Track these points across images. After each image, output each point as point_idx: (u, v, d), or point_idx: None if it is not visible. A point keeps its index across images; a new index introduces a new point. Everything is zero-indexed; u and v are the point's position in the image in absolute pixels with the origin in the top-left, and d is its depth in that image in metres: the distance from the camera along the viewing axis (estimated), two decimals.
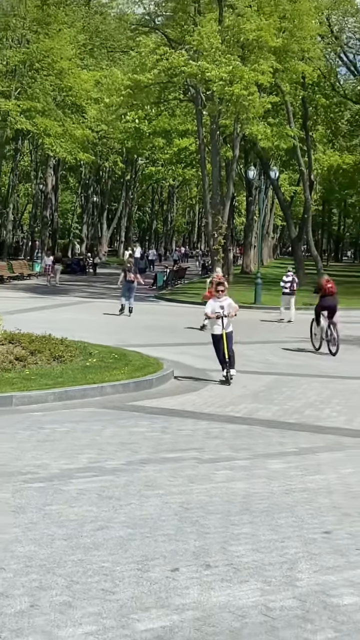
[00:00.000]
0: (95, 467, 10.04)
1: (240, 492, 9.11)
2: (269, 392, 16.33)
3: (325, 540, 7.42)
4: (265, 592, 6.12)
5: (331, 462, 10.78)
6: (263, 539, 7.41)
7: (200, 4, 47.23)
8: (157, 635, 5.27)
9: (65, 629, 5.33)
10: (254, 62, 43.91)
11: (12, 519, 7.71)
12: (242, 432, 12.42)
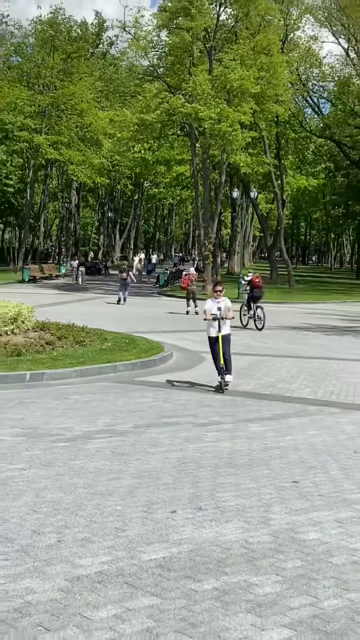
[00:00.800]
0: (109, 430, 10.05)
1: (225, 449, 9.13)
2: (249, 370, 16.36)
3: (293, 488, 7.45)
4: (246, 530, 6.16)
5: (299, 426, 10.80)
6: (244, 487, 7.44)
7: (193, 58, 47.12)
8: (159, 564, 5.31)
9: (85, 559, 5.36)
10: (237, 104, 43.83)
11: (43, 471, 7.72)
12: (228, 402, 12.46)
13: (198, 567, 5.32)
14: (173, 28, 47.46)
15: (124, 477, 7.64)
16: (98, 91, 65.00)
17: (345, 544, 5.92)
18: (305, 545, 5.86)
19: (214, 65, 46.13)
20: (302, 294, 47.44)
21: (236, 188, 56.35)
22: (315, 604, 4.81)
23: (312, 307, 38.23)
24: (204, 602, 4.75)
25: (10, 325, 16.51)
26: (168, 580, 5.07)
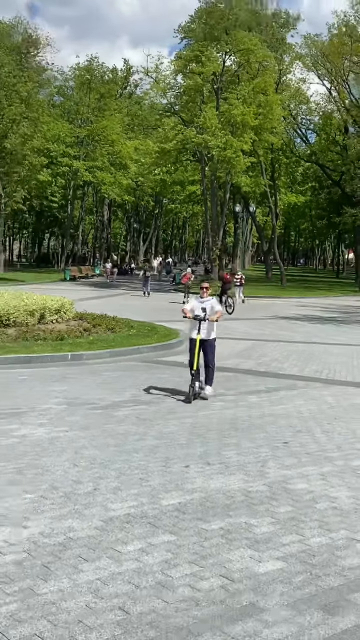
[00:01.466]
0: (135, 400, 10.06)
1: (229, 416, 9.13)
2: (248, 352, 16.31)
3: (284, 448, 7.45)
4: (246, 481, 6.17)
5: (289, 397, 10.79)
6: (244, 446, 7.45)
7: (204, 97, 46.97)
8: (176, 508, 5.35)
9: (116, 503, 5.40)
10: (239, 135, 43.66)
11: (81, 433, 7.76)
12: (231, 377, 12.43)
13: (207, 511, 5.35)
14: (187, 73, 47.30)
15: (147, 438, 7.66)
16: (125, 125, 64.98)
17: (327, 493, 5.94)
18: (295, 494, 5.88)
19: (221, 103, 46.00)
20: (292, 290, 47.30)
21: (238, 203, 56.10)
22: (302, 541, 4.84)
23: (300, 301, 38.10)
24: (212, 539, 4.79)
25: (55, 315, 16.57)
26: (183, 521, 5.11)
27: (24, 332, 14.92)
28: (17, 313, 15.38)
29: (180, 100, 50.19)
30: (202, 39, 47.21)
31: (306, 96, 59.86)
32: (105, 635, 3.46)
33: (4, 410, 8.86)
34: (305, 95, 59.78)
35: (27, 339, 14.54)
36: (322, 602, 3.92)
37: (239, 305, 32.85)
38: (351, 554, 4.63)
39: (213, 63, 46.44)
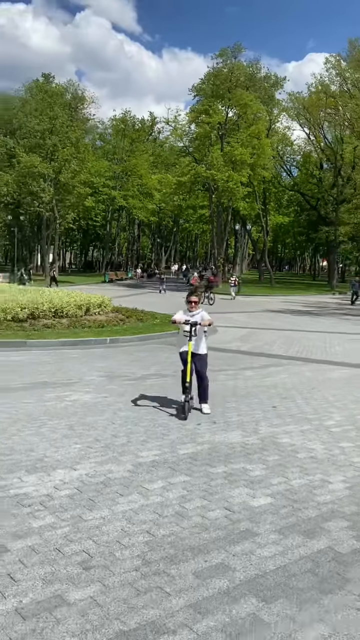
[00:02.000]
0: (158, 374, 10.07)
1: (230, 385, 9.11)
2: (245, 337, 16.24)
3: (273, 411, 7.43)
4: (243, 436, 6.16)
5: (276, 372, 10.75)
6: (242, 409, 7.44)
7: (211, 141, 46.79)
8: (189, 456, 5.35)
9: (144, 452, 5.40)
10: (239, 170, 43.46)
11: (118, 398, 7.78)
12: (231, 357, 12.40)
13: (213, 459, 5.35)
14: (198, 122, 47.10)
15: (168, 403, 7.68)
16: (151, 162, 64.74)
17: (306, 445, 5.91)
18: (281, 446, 5.86)
19: (224, 146, 45.81)
20: (278, 290, 47.03)
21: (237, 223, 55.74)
22: (287, 482, 4.82)
23: (285, 298, 37.85)
24: (217, 480, 4.79)
25: (97, 308, 16.60)
26: (195, 466, 5.11)
27: (74, 321, 14.98)
28: (69, 307, 15.43)
29: (193, 144, 50.11)
30: (210, 96, 47.03)
31: (290, 140, 59.42)
32: (136, 552, 3.49)
33: (60, 380, 8.91)
34: (290, 139, 59.33)
35: (76, 327, 14.60)
36: (302, 529, 3.92)
37: (238, 301, 32.78)
38: (324, 492, 4.61)
39: (218, 115, 46.29)
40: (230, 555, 3.49)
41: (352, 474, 5.06)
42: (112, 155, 63.02)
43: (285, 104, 56.01)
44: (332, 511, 4.23)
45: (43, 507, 4.08)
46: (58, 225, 53.53)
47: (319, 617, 2.90)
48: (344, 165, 52.73)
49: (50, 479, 4.65)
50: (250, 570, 3.33)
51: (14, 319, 14.09)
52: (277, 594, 3.09)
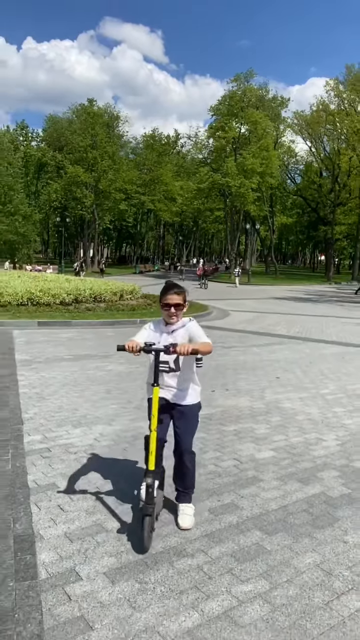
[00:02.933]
0: None
1: (240, 360, 9.07)
2: (253, 319, 16.14)
3: (277, 381, 7.41)
4: (251, 401, 6.18)
5: (279, 349, 10.67)
6: (250, 379, 7.43)
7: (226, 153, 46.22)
8: (206, 417, 5.36)
9: None
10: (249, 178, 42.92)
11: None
12: (242, 336, 12.34)
13: (225, 419, 5.38)
14: (215, 137, 46.53)
15: None
16: (174, 172, 64.16)
17: (303, 409, 5.91)
18: (283, 409, 5.87)
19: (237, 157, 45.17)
20: (282, 280, 46.53)
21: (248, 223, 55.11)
22: (287, 439, 4.83)
23: (288, 287, 37.48)
24: (228, 436, 4.83)
25: (129, 295, 16.67)
26: (210, 425, 5.15)
27: (110, 305, 15.08)
28: (106, 293, 15.53)
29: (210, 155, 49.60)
30: (225, 115, 46.37)
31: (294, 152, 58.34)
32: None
33: (99, 354, 9.01)
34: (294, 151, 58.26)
35: (112, 310, 14.69)
36: (299, 477, 3.95)
37: (247, 289, 32.52)
38: (318, 448, 4.62)
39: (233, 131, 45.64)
40: (239, 496, 3.55)
41: (343, 434, 5.06)
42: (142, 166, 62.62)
43: (290, 121, 54.95)
44: (324, 463, 4.24)
45: (86, 455, 4.18)
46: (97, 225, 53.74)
47: (312, 547, 2.94)
48: (341, 174, 51.80)
49: (91, 432, 4.75)
50: (255, 509, 3.38)
51: (61, 303, 14.25)
52: (277, 528, 3.14)
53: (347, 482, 3.87)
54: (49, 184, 54.67)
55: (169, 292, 3.05)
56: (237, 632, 2.25)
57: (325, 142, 54.51)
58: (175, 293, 3.05)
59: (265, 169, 44.77)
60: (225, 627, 2.27)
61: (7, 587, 2.46)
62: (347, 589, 2.57)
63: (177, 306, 3.04)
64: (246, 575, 2.65)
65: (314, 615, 2.36)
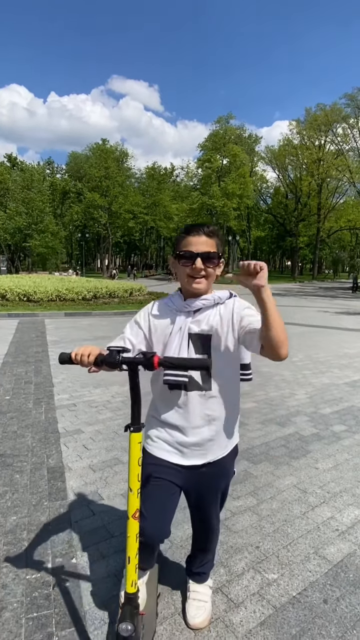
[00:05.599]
0: None
1: None
2: None
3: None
4: None
5: None
6: None
7: (212, 180, 45.81)
8: None
9: None
10: (231, 199, 42.66)
11: None
12: None
13: None
14: (203, 167, 46.17)
15: None
16: (171, 196, 63.75)
17: (279, 372, 5.77)
18: (262, 373, 5.71)
19: (221, 183, 44.87)
20: None
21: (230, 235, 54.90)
22: (266, 394, 4.71)
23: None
24: None
25: (137, 292, 16.51)
26: None
27: (122, 300, 14.93)
28: (119, 291, 15.38)
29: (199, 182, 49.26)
30: (210, 150, 45.98)
31: (266, 178, 58.02)
32: None
33: (113, 335, 8.77)
34: (265, 178, 57.92)
35: (123, 303, 14.55)
36: (277, 421, 3.86)
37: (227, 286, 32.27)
38: (292, 400, 4.53)
39: (217, 162, 45.24)
40: None
41: (311, 389, 4.97)
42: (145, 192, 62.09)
43: (263, 154, 54.73)
44: (297, 411, 4.16)
45: (104, 408, 4.09)
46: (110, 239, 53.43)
47: (290, 472, 2.86)
48: (302, 195, 51.74)
49: (108, 391, 4.65)
50: (243, 445, 3.29)
51: (83, 299, 14.12)
52: (261, 459, 3.05)
53: (315, 424, 3.79)
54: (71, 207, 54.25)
55: (194, 231, 1.34)
56: (232, 536, 2.16)
57: (289, 170, 54.36)
58: (206, 234, 1.33)
59: (243, 192, 44.47)
60: (223, 532, 2.19)
61: (43, 505, 2.38)
62: (319, 503, 2.49)
63: (208, 259, 1.32)
64: (237, 494, 2.57)
65: (293, 523, 2.28)
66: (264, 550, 2.06)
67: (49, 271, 40.90)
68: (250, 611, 1.69)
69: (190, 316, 1.30)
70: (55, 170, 64.80)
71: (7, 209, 40.33)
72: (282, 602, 1.74)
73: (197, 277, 1.30)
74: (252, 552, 2.04)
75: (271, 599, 1.75)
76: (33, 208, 40.03)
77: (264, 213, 64.06)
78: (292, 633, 1.59)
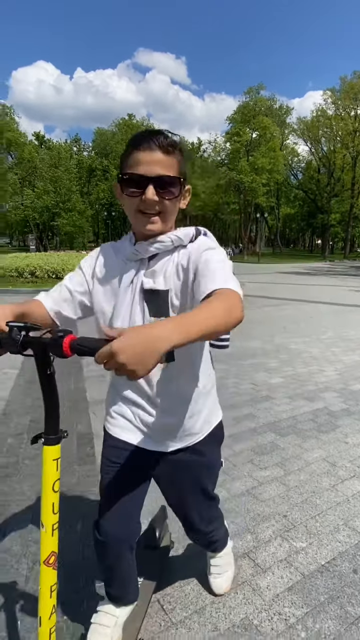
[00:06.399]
0: None
1: (251, 317, 8.81)
2: (262, 288, 15.62)
3: (284, 330, 7.15)
4: (262, 344, 5.94)
5: (285, 308, 10.32)
6: (262, 329, 7.16)
7: (240, 155, 44.36)
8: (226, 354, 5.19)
9: None
10: (260, 174, 41.27)
11: None
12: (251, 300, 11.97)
13: (242, 355, 5.20)
14: (232, 141, 44.73)
15: None
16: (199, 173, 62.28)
17: (306, 349, 5.66)
18: (289, 350, 5.63)
19: (250, 157, 43.41)
20: (286, 259, 45.12)
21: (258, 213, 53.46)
22: (294, 369, 4.65)
23: (291, 265, 36.30)
24: (245, 368, 4.67)
25: None
26: (231, 360, 4.98)
27: None
28: None
29: (227, 157, 47.88)
30: (239, 122, 44.33)
31: (297, 152, 55.63)
32: None
33: None
34: (297, 151, 55.55)
35: None
36: (305, 396, 3.79)
37: (256, 265, 31.71)
38: (320, 376, 4.43)
39: (246, 135, 43.69)
40: (256, 409, 3.42)
41: (341, 366, 4.83)
42: None
43: (295, 126, 52.26)
44: (326, 387, 4.06)
45: None
46: None
47: (318, 446, 2.80)
48: (336, 169, 49.32)
49: None
50: (270, 418, 3.25)
51: None
52: (288, 432, 3.01)
53: (345, 400, 3.69)
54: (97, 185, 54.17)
55: (144, 144, 0.92)
56: (258, 504, 2.15)
57: (322, 142, 51.73)
58: (162, 148, 0.91)
59: (273, 167, 42.88)
60: (249, 500, 2.18)
61: (72, 469, 2.44)
62: (349, 476, 2.43)
63: (165, 186, 0.93)
64: (264, 464, 2.54)
65: (322, 495, 2.24)
66: (292, 519, 2.04)
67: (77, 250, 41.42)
68: (277, 576, 1.68)
69: (144, 266, 0.93)
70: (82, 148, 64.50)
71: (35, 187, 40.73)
72: (311, 570, 1.72)
73: (150, 214, 0.90)
74: (279, 521, 2.02)
75: (299, 566, 1.74)
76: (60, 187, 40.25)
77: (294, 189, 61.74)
78: (320, 600, 1.57)
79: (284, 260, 43.30)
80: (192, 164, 59.79)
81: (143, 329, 0.59)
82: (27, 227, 46.26)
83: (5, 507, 2.03)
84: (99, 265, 0.98)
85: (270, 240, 78.87)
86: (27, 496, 2.12)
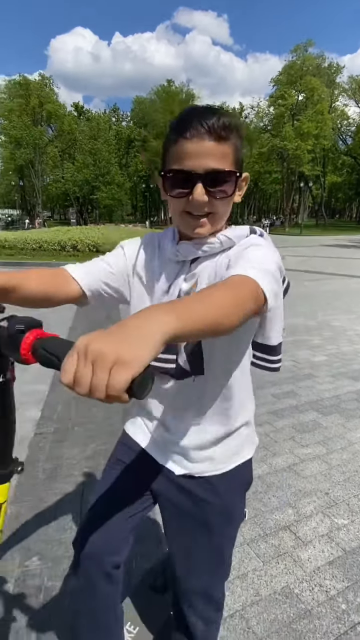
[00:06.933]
0: None
1: (293, 291, 8.52)
2: (303, 261, 14.98)
3: (327, 306, 6.92)
4: (305, 320, 5.80)
5: (328, 283, 9.91)
6: (305, 305, 6.98)
7: (285, 119, 41.91)
8: None
9: None
10: (305, 141, 38.93)
11: None
12: (293, 274, 11.56)
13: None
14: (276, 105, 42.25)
15: None
16: None
17: (352, 327, 5.46)
18: (333, 327, 5.46)
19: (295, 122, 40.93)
20: (330, 231, 42.97)
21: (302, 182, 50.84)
22: (338, 348, 4.50)
23: (335, 237, 34.47)
24: (286, 345, 4.55)
25: None
26: None
27: None
28: None
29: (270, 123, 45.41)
30: (285, 84, 41.63)
31: (347, 115, 51.55)
32: None
33: None
34: (347, 114, 51.48)
35: None
36: (349, 375, 3.69)
37: (298, 238, 30.48)
38: None
39: (291, 98, 41.08)
40: (297, 387, 3.39)
41: None
42: None
43: (345, 86, 48.25)
44: None
45: None
46: None
47: None
48: None
49: None
50: (311, 396, 3.22)
51: None
52: (331, 411, 2.97)
53: None
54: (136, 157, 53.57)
55: (191, 129, 0.72)
56: (300, 480, 2.17)
57: None
58: (214, 134, 0.72)
59: (320, 131, 40.22)
60: (290, 476, 2.20)
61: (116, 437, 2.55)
62: None
63: (217, 184, 0.74)
64: (306, 442, 2.55)
65: None
66: (334, 497, 2.05)
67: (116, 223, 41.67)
68: (318, 550, 1.72)
69: (185, 269, 0.80)
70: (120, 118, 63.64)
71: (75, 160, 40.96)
72: (352, 547, 1.74)
73: (198, 215, 0.75)
74: (321, 498, 2.04)
75: (340, 542, 1.76)
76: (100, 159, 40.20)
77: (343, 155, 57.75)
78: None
79: (328, 232, 41.23)
80: None
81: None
82: (67, 200, 46.99)
83: (57, 470, 2.18)
84: (140, 258, 0.84)
85: (314, 211, 75.23)
86: (77, 460, 2.26)
